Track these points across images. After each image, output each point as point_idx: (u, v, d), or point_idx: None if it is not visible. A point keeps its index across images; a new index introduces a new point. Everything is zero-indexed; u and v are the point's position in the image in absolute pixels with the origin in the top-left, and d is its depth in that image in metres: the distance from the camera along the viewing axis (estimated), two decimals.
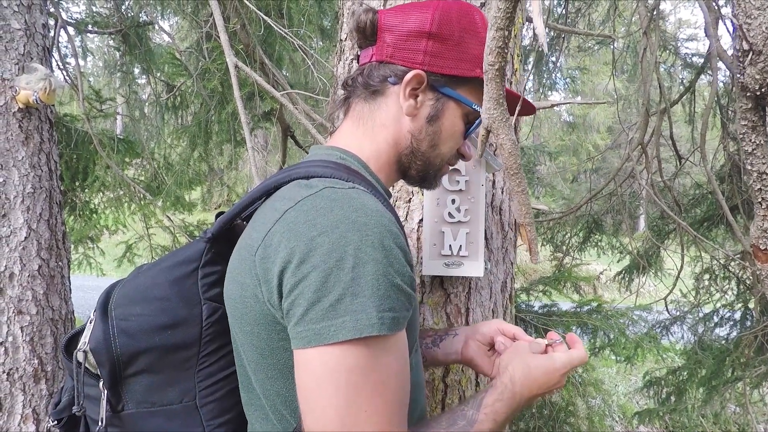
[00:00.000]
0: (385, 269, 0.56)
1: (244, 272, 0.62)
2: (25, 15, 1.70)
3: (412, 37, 0.73)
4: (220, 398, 0.71)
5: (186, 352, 0.68)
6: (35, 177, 1.71)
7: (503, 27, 0.54)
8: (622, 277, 4.02)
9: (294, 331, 0.56)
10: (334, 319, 0.54)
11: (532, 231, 0.71)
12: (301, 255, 0.56)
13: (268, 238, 0.60)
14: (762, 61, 0.47)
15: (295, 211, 0.60)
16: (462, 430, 0.65)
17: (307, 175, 0.66)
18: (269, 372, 0.63)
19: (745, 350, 2.90)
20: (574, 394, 2.96)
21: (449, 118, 0.75)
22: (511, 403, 0.68)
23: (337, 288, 0.54)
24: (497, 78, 0.58)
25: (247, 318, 0.62)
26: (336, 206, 0.58)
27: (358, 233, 0.56)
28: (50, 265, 1.74)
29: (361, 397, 0.54)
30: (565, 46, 4.21)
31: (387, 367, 0.56)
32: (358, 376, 0.54)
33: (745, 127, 0.54)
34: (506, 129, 0.61)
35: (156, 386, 0.68)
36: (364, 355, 0.54)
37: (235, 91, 1.94)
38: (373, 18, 0.74)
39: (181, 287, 0.69)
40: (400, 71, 0.73)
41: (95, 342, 0.67)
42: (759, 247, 0.60)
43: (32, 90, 1.60)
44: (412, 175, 0.79)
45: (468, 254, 1.18)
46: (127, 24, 3.55)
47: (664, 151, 3.88)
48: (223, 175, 4.87)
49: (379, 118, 0.75)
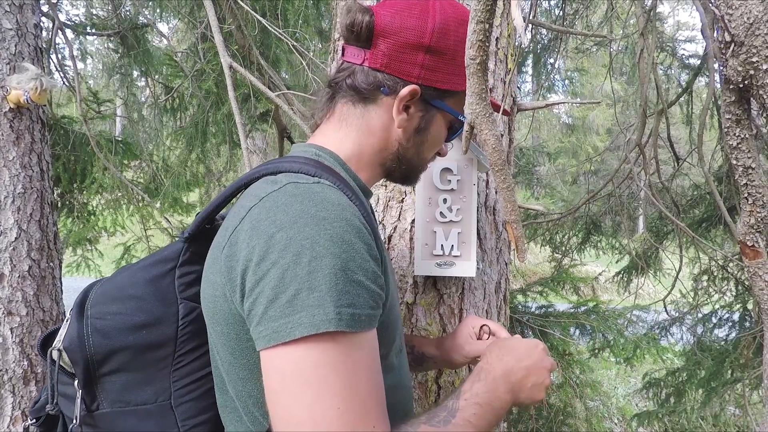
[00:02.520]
0: (344, 264, 0.54)
1: (215, 271, 0.62)
2: (16, 15, 1.70)
3: (409, 50, 0.71)
4: (196, 398, 0.70)
5: (161, 351, 0.68)
6: (26, 177, 1.71)
7: (483, 20, 0.53)
8: (621, 278, 4.01)
9: (256, 331, 0.55)
10: (291, 315, 0.52)
11: (519, 228, 0.70)
12: (261, 253, 0.55)
13: (234, 236, 0.60)
14: (744, 53, 0.46)
15: (258, 208, 0.60)
16: (444, 420, 0.62)
17: (275, 170, 0.66)
18: (240, 372, 0.63)
19: (744, 351, 2.88)
20: (572, 395, 2.94)
21: (436, 128, 0.77)
22: (489, 382, 0.67)
23: (293, 284, 0.52)
24: (479, 72, 0.57)
25: (218, 317, 0.62)
26: (296, 201, 0.58)
27: (316, 227, 0.54)
28: (41, 266, 1.73)
29: (331, 394, 0.51)
30: (563, 48, 4.20)
31: (356, 363, 0.54)
32: (325, 372, 0.51)
33: (729, 120, 0.53)
34: (489, 124, 0.60)
35: (131, 385, 0.68)
36: (329, 350, 0.52)
37: (230, 92, 1.93)
38: (370, 22, 0.71)
39: (158, 286, 0.69)
40: (394, 83, 0.72)
41: (69, 340, 0.67)
42: (746, 243, 0.59)
43: (23, 90, 1.60)
44: (395, 176, 0.81)
45: (460, 254, 1.17)
46: (125, 26, 3.56)
47: (662, 152, 3.87)
48: (221, 176, 4.86)
49: (366, 124, 0.74)
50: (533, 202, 5.55)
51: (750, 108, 0.53)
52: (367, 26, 0.70)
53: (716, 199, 2.37)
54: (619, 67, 5.37)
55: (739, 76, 0.47)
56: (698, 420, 3.21)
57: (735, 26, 0.45)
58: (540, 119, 9.39)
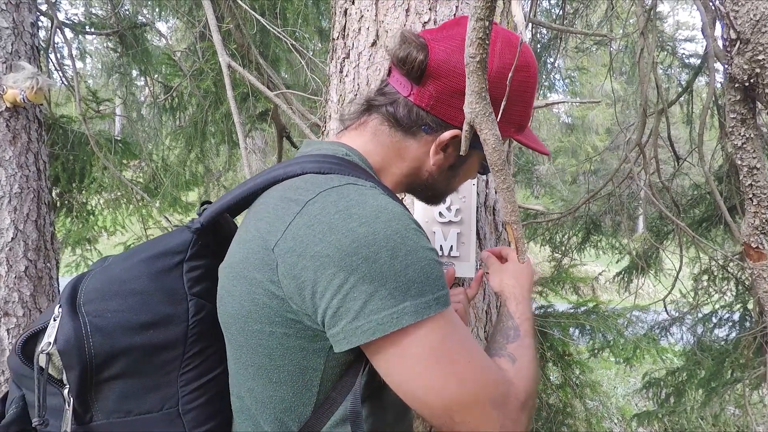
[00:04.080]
0: (430, 254, 0.57)
1: (253, 267, 0.57)
2: (13, 13, 1.69)
3: (458, 96, 0.67)
4: (203, 404, 0.65)
5: (169, 353, 0.63)
6: (22, 177, 1.69)
7: (483, 17, 0.52)
8: (621, 278, 4.00)
9: (352, 326, 0.54)
10: (396, 306, 0.54)
11: (519, 229, 0.69)
12: (346, 248, 0.53)
13: (291, 230, 0.56)
14: (750, 50, 0.44)
15: (319, 203, 0.57)
16: (514, 336, 0.70)
17: (320, 170, 0.63)
18: (274, 375, 0.60)
19: (744, 351, 2.88)
20: (571, 395, 2.93)
21: (470, 165, 0.78)
22: (524, 300, 0.77)
23: (392, 277, 0.54)
24: (479, 71, 0.56)
25: (256, 316, 0.58)
26: (367, 197, 0.57)
27: (399, 222, 0.56)
28: (38, 267, 1.72)
29: (460, 356, 0.56)
30: (563, 47, 4.20)
31: (459, 327, 0.59)
32: (445, 344, 0.56)
33: (734, 120, 0.51)
34: (489, 123, 0.59)
35: (132, 392, 0.62)
36: (439, 328, 0.56)
37: (228, 91, 1.92)
38: (423, 62, 0.68)
39: (164, 281, 0.64)
40: (437, 125, 0.70)
41: (64, 342, 0.60)
42: (750, 245, 0.58)
43: (19, 89, 1.58)
44: (419, 197, 0.81)
45: (459, 255, 1.16)
46: (124, 25, 3.55)
47: (662, 152, 3.87)
48: (220, 176, 4.86)
49: (399, 149, 0.73)
50: (533, 201, 5.55)
51: (755, 107, 0.51)
52: (420, 65, 0.67)
53: (716, 199, 2.36)
54: (619, 66, 5.36)
55: (745, 75, 0.46)
56: (698, 420, 3.21)
57: (741, 23, 0.43)
58: (540, 119, 9.38)
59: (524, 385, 0.61)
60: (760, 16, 0.42)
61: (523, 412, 0.59)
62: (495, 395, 0.57)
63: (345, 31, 1.34)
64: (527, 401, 0.60)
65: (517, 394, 0.60)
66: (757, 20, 0.42)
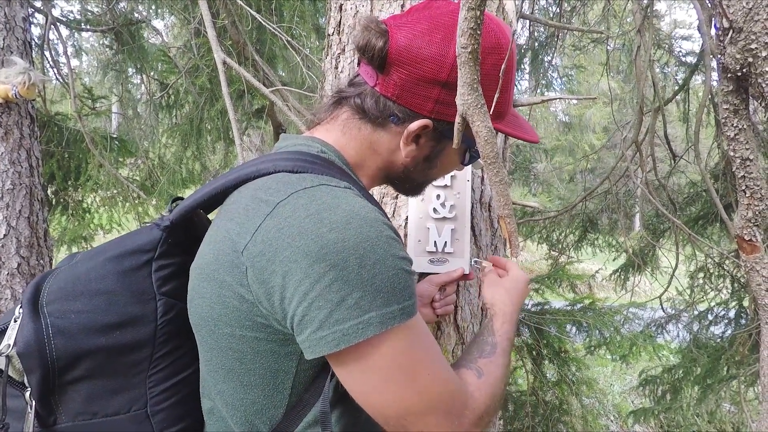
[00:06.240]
0: (399, 263, 0.56)
1: (223, 269, 0.56)
2: (4, 8, 1.66)
3: (424, 84, 0.65)
4: (173, 405, 0.64)
5: (137, 354, 0.61)
6: (15, 173, 1.68)
7: (475, 7, 0.51)
8: (618, 276, 4.01)
9: (316, 336, 0.53)
10: (360, 317, 0.53)
11: (512, 223, 0.68)
12: (314, 254, 0.52)
13: (260, 233, 0.54)
14: (743, 39, 0.43)
15: (290, 206, 0.55)
16: (490, 352, 0.70)
17: (293, 168, 0.61)
18: (245, 378, 0.58)
19: (740, 348, 2.89)
20: (568, 393, 2.94)
21: (447, 156, 0.74)
22: (511, 321, 0.77)
23: (359, 286, 0.53)
24: (470, 62, 0.55)
25: (226, 319, 0.57)
26: (339, 200, 0.55)
27: (370, 229, 0.54)
28: (30, 263, 1.71)
29: (422, 366, 0.56)
30: (560, 45, 4.19)
31: (423, 336, 0.58)
32: (408, 355, 0.56)
33: (727, 111, 0.51)
34: (481, 115, 0.59)
35: (99, 394, 0.60)
36: (403, 337, 0.55)
37: (224, 88, 1.91)
38: (383, 49, 0.64)
39: (132, 280, 0.62)
40: (404, 115, 0.67)
41: (24, 344, 0.58)
42: (743, 237, 0.57)
43: (11, 84, 1.57)
44: (398, 189, 0.80)
45: (453, 251, 1.16)
46: (119, 22, 3.53)
47: (658, 149, 3.87)
48: (216, 173, 4.85)
49: (372, 142, 0.70)
50: (530, 199, 5.55)
51: (748, 97, 0.51)
52: (380, 52, 0.64)
53: (713, 197, 2.37)
54: (616, 64, 5.37)
55: (738, 64, 0.45)
56: (694, 417, 3.22)
57: (733, 12, 0.42)
58: (537, 117, 9.38)
59: (484, 400, 0.61)
60: (753, 4, 0.42)
61: (478, 426, 0.60)
62: (451, 406, 0.57)
63: (340, 26, 1.33)
64: (484, 417, 0.61)
65: (475, 407, 0.60)
66: (750, 8, 0.41)
